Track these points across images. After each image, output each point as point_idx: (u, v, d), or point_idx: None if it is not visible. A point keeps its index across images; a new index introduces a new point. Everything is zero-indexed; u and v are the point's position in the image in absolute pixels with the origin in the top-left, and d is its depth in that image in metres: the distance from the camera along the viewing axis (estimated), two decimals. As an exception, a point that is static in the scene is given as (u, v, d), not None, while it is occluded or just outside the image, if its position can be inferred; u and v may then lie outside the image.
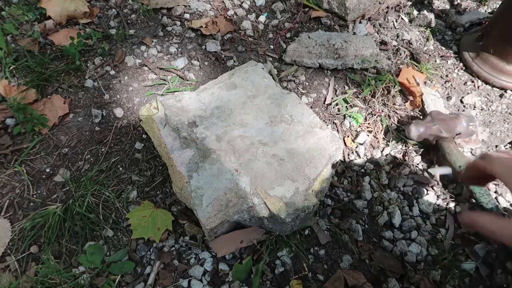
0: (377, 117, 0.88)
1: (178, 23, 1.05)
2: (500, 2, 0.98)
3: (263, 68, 0.73)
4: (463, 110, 0.94)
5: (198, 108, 0.65)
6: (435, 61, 1.04)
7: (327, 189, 0.62)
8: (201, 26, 1.02)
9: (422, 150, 0.85)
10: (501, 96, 0.97)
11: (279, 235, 0.65)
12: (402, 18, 1.14)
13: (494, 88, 0.99)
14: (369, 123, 0.87)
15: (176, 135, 0.62)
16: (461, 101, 0.96)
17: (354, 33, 1.06)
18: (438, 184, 0.79)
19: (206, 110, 0.65)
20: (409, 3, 1.19)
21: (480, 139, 0.87)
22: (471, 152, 0.86)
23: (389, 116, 0.89)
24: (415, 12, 1.15)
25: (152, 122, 0.64)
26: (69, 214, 0.67)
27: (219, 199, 0.55)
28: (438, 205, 0.77)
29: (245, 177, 0.57)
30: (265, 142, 0.61)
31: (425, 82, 0.98)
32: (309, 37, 0.97)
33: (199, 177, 0.57)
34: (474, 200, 0.76)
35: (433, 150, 0.83)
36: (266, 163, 0.58)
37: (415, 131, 0.79)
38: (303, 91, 0.92)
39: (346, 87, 0.94)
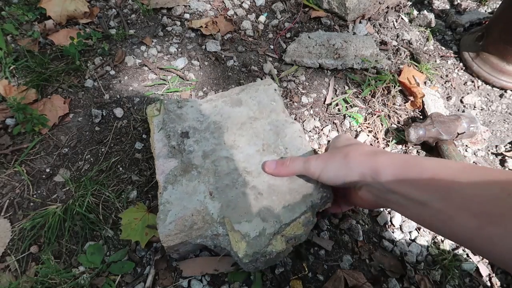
0: (377, 117, 0.88)
1: (178, 23, 1.05)
2: (500, 2, 0.98)
3: (275, 90, 0.68)
4: (463, 110, 0.94)
5: (196, 119, 0.63)
6: (435, 61, 1.04)
7: (305, 237, 0.54)
8: (201, 26, 1.02)
9: (423, 152, 0.85)
10: (501, 96, 0.97)
11: None
12: (402, 18, 1.14)
13: (494, 88, 0.99)
14: (369, 123, 0.87)
15: (166, 142, 0.59)
16: (461, 101, 0.96)
17: (354, 33, 1.06)
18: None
19: (203, 122, 0.62)
20: (409, 3, 1.19)
21: (484, 139, 0.87)
22: (475, 154, 0.86)
23: (389, 116, 0.89)
24: (415, 12, 1.15)
25: (151, 123, 0.64)
26: (69, 214, 0.67)
27: (184, 219, 0.52)
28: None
29: (216, 203, 0.53)
30: (250, 171, 0.56)
31: (425, 82, 0.98)
32: (309, 37, 0.97)
33: (173, 191, 0.54)
34: None
35: (433, 152, 0.84)
36: (242, 193, 0.54)
37: (414, 134, 0.79)
38: (303, 91, 0.92)
39: (346, 87, 0.94)
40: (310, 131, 0.85)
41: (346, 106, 0.90)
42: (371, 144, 0.85)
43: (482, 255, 0.38)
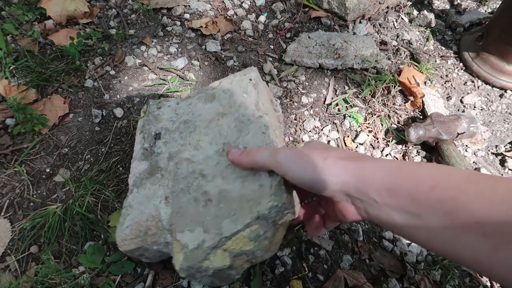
0: (377, 117, 0.88)
1: (178, 23, 1.05)
2: (500, 2, 0.98)
3: (251, 80, 0.61)
4: (463, 110, 0.94)
5: (169, 119, 0.60)
6: (435, 61, 1.04)
7: (264, 254, 0.47)
8: (201, 26, 1.02)
9: (423, 151, 0.85)
10: (501, 96, 0.97)
11: None
12: (402, 18, 1.14)
13: (494, 88, 0.99)
14: (369, 123, 0.87)
15: (143, 144, 0.58)
16: (461, 101, 0.96)
17: (354, 33, 1.06)
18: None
19: (175, 122, 0.59)
20: (409, 3, 1.19)
21: (484, 139, 0.87)
22: (475, 154, 0.86)
23: (389, 116, 0.89)
24: (415, 12, 1.15)
25: (137, 126, 0.61)
26: (69, 214, 0.68)
27: (140, 224, 0.50)
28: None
29: (169, 209, 0.50)
30: (205, 174, 0.51)
31: (425, 82, 0.98)
32: (309, 37, 0.97)
33: (137, 194, 0.53)
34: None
35: (433, 152, 0.84)
36: (194, 199, 0.49)
37: (414, 134, 0.79)
38: (303, 91, 0.92)
39: (346, 87, 0.94)
40: (310, 131, 0.85)
41: (346, 106, 0.90)
42: (371, 145, 0.85)
43: (494, 280, 0.32)
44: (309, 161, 0.38)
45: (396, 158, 0.83)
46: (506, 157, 0.84)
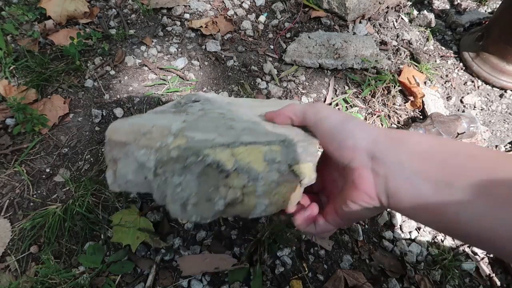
0: (377, 117, 0.88)
1: (178, 23, 1.05)
2: (500, 2, 0.98)
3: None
4: (463, 110, 0.94)
5: (215, 98, 0.61)
6: (435, 61, 1.04)
7: (261, 198, 0.41)
8: (201, 26, 1.02)
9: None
10: (501, 96, 0.97)
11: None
12: (402, 18, 1.14)
13: (494, 88, 0.99)
14: (369, 123, 0.87)
15: (176, 103, 0.59)
16: (461, 101, 0.96)
17: (354, 33, 1.06)
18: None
19: (217, 99, 0.60)
20: (409, 3, 1.19)
21: (484, 139, 0.87)
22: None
23: (389, 116, 0.89)
24: (415, 12, 1.15)
25: None
26: (69, 214, 0.67)
27: (143, 125, 0.46)
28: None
29: (182, 124, 0.46)
30: (235, 118, 0.50)
31: (425, 82, 0.98)
32: (309, 37, 0.98)
33: (152, 115, 0.51)
34: None
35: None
36: (214, 126, 0.47)
37: (415, 132, 0.79)
38: (303, 91, 0.92)
39: (346, 87, 0.94)
40: (310, 131, 0.85)
41: (346, 106, 0.90)
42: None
43: None
44: (342, 115, 0.37)
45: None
46: (506, 157, 0.84)
